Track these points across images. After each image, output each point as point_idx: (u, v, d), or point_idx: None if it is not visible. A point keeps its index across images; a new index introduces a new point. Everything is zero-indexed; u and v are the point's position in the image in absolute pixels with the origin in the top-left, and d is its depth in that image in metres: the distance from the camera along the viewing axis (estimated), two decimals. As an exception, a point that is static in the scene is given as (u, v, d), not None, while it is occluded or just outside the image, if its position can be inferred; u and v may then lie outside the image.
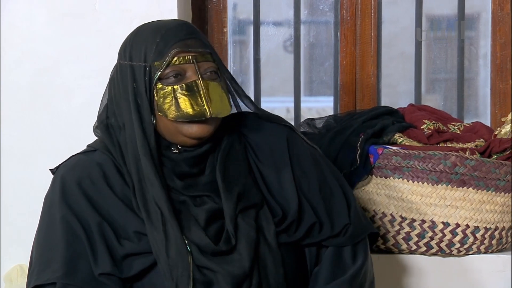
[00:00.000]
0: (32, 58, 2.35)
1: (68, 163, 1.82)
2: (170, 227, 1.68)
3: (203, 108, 1.69)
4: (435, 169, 2.20)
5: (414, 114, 2.39)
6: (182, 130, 1.72)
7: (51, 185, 1.81)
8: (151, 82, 1.71)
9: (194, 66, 1.71)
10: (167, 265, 1.67)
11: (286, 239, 1.75)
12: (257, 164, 1.81)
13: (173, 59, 1.70)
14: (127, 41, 1.80)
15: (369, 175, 2.25)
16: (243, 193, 1.75)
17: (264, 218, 1.74)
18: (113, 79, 1.81)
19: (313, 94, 2.90)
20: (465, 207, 2.22)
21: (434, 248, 2.24)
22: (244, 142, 1.83)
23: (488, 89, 2.73)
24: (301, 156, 1.84)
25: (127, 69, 1.75)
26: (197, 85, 1.71)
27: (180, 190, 1.73)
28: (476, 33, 2.84)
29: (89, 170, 1.76)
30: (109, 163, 1.77)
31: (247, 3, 2.72)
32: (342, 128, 2.34)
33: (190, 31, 1.75)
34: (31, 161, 2.36)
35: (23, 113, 2.36)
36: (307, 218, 1.78)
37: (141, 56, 1.73)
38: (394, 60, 2.79)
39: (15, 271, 2.35)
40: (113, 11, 2.35)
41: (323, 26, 2.80)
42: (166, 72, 1.71)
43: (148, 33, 1.75)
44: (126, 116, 1.74)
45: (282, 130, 1.86)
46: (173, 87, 1.71)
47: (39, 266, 1.72)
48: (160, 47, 1.71)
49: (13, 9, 2.35)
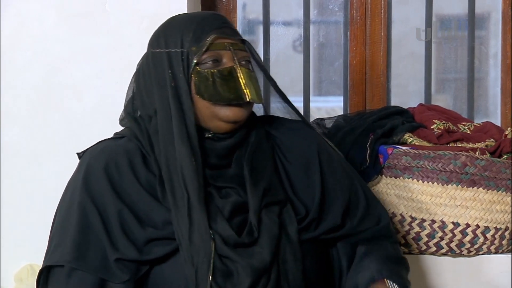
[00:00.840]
0: (43, 58, 2.36)
1: (95, 148, 1.83)
2: (195, 213, 1.69)
3: (241, 91, 1.73)
4: (445, 169, 2.19)
5: (424, 114, 2.39)
6: (219, 113, 1.74)
7: (76, 169, 1.83)
8: (189, 67, 1.74)
9: (231, 52, 1.75)
10: (189, 250, 1.68)
11: (307, 236, 1.77)
12: (283, 163, 1.83)
13: (210, 44, 1.74)
14: (160, 30, 1.82)
15: (379, 175, 2.25)
16: (269, 189, 1.77)
17: (287, 216, 1.76)
18: (142, 70, 1.83)
19: (322, 94, 2.90)
20: (475, 207, 2.22)
21: (444, 248, 2.24)
22: (272, 142, 1.85)
23: (499, 88, 2.73)
24: (332, 162, 1.87)
25: (162, 56, 1.77)
26: (235, 70, 1.75)
27: (208, 179, 1.75)
28: (486, 33, 2.83)
29: (116, 157, 1.78)
30: (136, 151, 1.79)
31: (257, 3, 2.72)
32: (352, 128, 2.34)
33: (224, 20, 1.81)
34: (42, 160, 2.37)
35: (33, 113, 2.37)
36: (329, 218, 1.81)
37: (177, 43, 1.76)
38: (404, 60, 2.78)
39: (26, 270, 2.36)
40: (123, 11, 2.35)
41: (333, 25, 2.80)
42: (203, 57, 1.74)
43: (183, 21, 1.79)
44: (159, 103, 1.76)
45: (312, 134, 1.90)
46: (211, 71, 1.74)
47: (52, 248, 1.77)
48: (198, 33, 1.75)
49: (23, 10, 2.36)
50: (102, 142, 1.85)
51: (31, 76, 2.36)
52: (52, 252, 1.76)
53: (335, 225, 1.81)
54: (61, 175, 2.35)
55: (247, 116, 1.78)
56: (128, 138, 1.82)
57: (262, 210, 1.74)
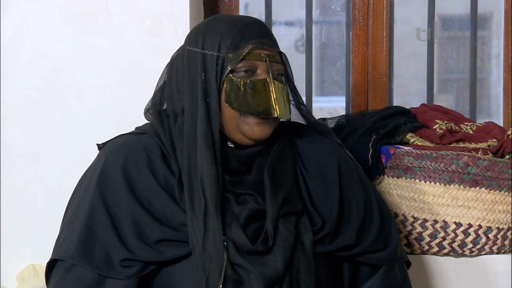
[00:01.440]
0: (44, 58, 2.36)
1: (115, 142, 1.82)
2: (211, 220, 1.68)
3: (270, 106, 1.71)
4: (447, 169, 2.19)
5: (426, 114, 2.39)
6: (243, 128, 1.73)
7: (95, 161, 1.82)
8: (222, 73, 1.72)
9: (267, 64, 1.73)
10: (201, 257, 1.67)
11: (321, 249, 1.76)
12: (303, 174, 1.82)
13: (247, 54, 1.72)
14: (200, 29, 1.79)
15: (381, 175, 2.24)
16: (288, 198, 1.75)
17: (304, 226, 1.75)
18: (176, 64, 1.81)
19: (324, 94, 2.90)
20: (477, 207, 2.21)
21: (446, 248, 2.23)
22: (294, 151, 1.84)
23: (501, 88, 2.73)
24: (351, 175, 1.86)
25: (197, 56, 1.75)
26: (267, 84, 1.72)
27: (227, 185, 1.73)
28: (488, 33, 2.83)
29: (135, 153, 1.77)
30: (156, 149, 1.77)
31: (259, 3, 2.71)
32: (354, 128, 2.34)
33: (265, 29, 1.78)
34: (45, 161, 2.37)
35: (35, 113, 2.37)
36: (345, 235, 1.79)
37: (214, 46, 1.73)
38: (406, 60, 2.78)
39: (28, 270, 2.36)
40: (125, 12, 2.35)
41: (335, 26, 2.80)
42: (238, 65, 1.72)
43: (224, 25, 1.75)
44: (188, 103, 1.74)
45: (334, 145, 1.88)
46: (244, 80, 1.72)
47: (60, 240, 1.77)
48: (236, 40, 1.72)
49: (25, 10, 2.36)
50: (123, 136, 1.84)
51: (33, 76, 2.36)
52: (59, 245, 1.76)
53: (349, 244, 1.80)
54: (62, 175, 2.36)
55: (271, 133, 1.76)
56: (149, 135, 1.80)
57: (279, 219, 1.72)
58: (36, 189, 2.37)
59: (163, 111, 1.81)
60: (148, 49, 2.34)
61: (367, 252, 1.83)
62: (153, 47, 2.33)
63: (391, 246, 1.86)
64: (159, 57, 2.30)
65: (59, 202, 2.36)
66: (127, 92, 2.35)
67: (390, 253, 1.85)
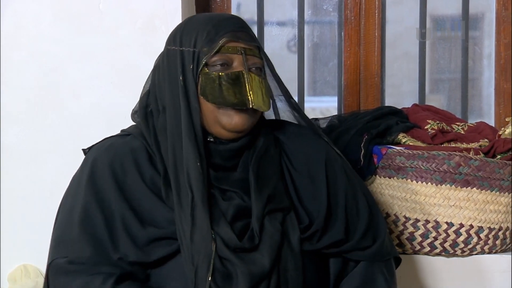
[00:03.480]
0: (39, 58, 2.35)
1: (101, 145, 1.83)
2: (198, 213, 1.68)
3: (245, 97, 1.72)
4: (439, 169, 2.20)
5: (418, 114, 2.39)
6: (221, 120, 1.73)
7: (81, 166, 1.83)
8: (198, 67, 1.74)
9: (242, 57, 1.74)
10: (190, 249, 1.67)
11: (309, 247, 1.76)
12: (290, 171, 1.82)
13: (222, 47, 1.73)
14: (178, 28, 1.82)
15: (373, 175, 2.25)
16: (273, 196, 1.76)
17: (290, 224, 1.75)
18: (158, 65, 1.83)
19: (317, 94, 2.90)
20: (469, 207, 2.22)
21: (438, 248, 2.24)
22: (280, 148, 1.84)
23: (492, 89, 2.73)
24: (337, 172, 1.86)
25: (176, 54, 1.77)
26: (242, 76, 1.73)
27: (212, 181, 1.74)
28: (480, 33, 2.83)
29: (122, 154, 1.78)
30: (141, 150, 1.78)
31: (251, 3, 2.71)
32: (346, 128, 2.34)
33: (242, 24, 1.79)
34: (38, 161, 2.36)
35: (30, 113, 2.36)
36: (333, 232, 1.80)
37: (191, 42, 1.75)
38: (398, 60, 2.79)
39: (19, 271, 2.35)
40: (117, 11, 2.35)
41: (327, 26, 2.80)
42: (213, 59, 1.73)
43: (200, 21, 1.78)
44: (169, 99, 1.76)
45: (321, 142, 1.89)
46: (218, 73, 1.73)
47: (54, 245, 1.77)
48: (211, 35, 1.74)
49: (19, 10, 2.35)
50: (108, 139, 1.85)
51: (28, 76, 2.36)
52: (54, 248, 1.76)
53: (338, 240, 1.80)
54: (58, 175, 2.35)
55: (251, 125, 1.76)
56: (134, 136, 1.81)
57: (265, 216, 1.73)
58: (29, 190, 2.36)
59: (150, 112, 1.82)
60: (141, 49, 2.34)
61: (356, 249, 1.83)
62: (146, 47, 2.33)
63: (379, 242, 1.86)
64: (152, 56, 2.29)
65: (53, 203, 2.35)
66: (120, 91, 2.35)
67: (378, 249, 1.85)
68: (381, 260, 1.86)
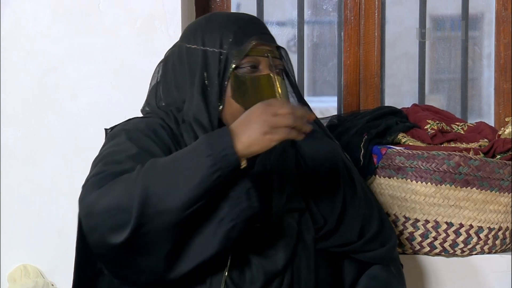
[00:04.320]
0: (37, 58, 2.36)
1: (127, 122, 1.80)
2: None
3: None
4: (438, 169, 2.20)
5: (418, 114, 2.39)
6: None
7: (110, 135, 1.77)
8: (226, 69, 1.73)
9: (269, 60, 1.75)
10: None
11: (321, 246, 1.77)
12: (305, 171, 1.83)
13: (250, 50, 1.73)
14: (198, 26, 1.80)
15: (373, 175, 2.25)
16: (292, 195, 1.77)
17: (305, 224, 1.76)
18: (173, 61, 1.81)
19: (316, 94, 2.90)
20: (468, 207, 2.22)
21: (437, 248, 2.24)
22: (295, 148, 1.84)
23: (492, 89, 2.73)
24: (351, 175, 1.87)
25: (198, 53, 1.76)
26: (272, 79, 1.73)
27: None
28: (480, 33, 2.83)
29: (154, 126, 1.75)
30: (167, 128, 1.77)
31: (251, 3, 2.71)
32: (346, 128, 2.34)
33: (264, 26, 1.81)
34: (36, 161, 2.36)
35: (28, 113, 2.36)
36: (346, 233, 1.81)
37: (216, 43, 1.75)
38: (397, 60, 2.78)
39: (19, 271, 2.35)
40: (117, 11, 2.35)
41: (327, 26, 2.80)
42: (242, 61, 1.73)
43: (224, 21, 1.77)
44: (189, 99, 1.75)
45: (334, 145, 1.90)
46: (249, 77, 1.73)
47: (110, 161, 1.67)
48: (239, 36, 1.74)
49: (17, 9, 2.35)
50: (130, 119, 1.82)
51: (26, 76, 2.36)
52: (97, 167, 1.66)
53: (350, 241, 1.81)
54: (55, 175, 2.35)
55: None
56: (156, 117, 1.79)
57: (283, 214, 1.73)
58: (28, 189, 2.36)
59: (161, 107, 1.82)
60: (140, 48, 2.34)
61: (364, 250, 1.84)
62: (145, 46, 2.33)
63: (388, 246, 1.87)
64: (151, 56, 2.30)
65: (51, 202, 2.36)
66: (119, 91, 2.35)
67: (387, 252, 1.86)
68: (392, 264, 1.87)
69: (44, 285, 2.31)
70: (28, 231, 2.36)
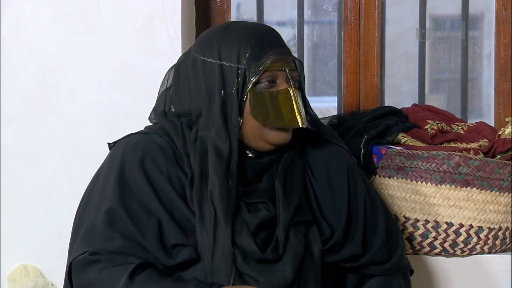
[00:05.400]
0: (37, 58, 2.35)
1: (129, 140, 1.79)
2: (220, 231, 1.67)
3: (295, 117, 1.71)
4: (438, 169, 2.20)
5: (418, 114, 2.39)
6: (267, 136, 1.72)
7: (109, 159, 1.78)
8: (244, 85, 1.71)
9: (286, 74, 1.73)
10: (210, 268, 1.66)
11: (328, 259, 1.76)
12: (312, 183, 1.82)
13: (269, 65, 1.70)
14: (213, 38, 1.76)
15: (373, 175, 2.25)
16: (299, 208, 1.75)
17: (313, 236, 1.75)
18: (186, 71, 1.78)
19: (316, 94, 2.90)
20: (468, 207, 2.22)
21: (437, 248, 2.24)
22: (303, 159, 1.83)
23: (492, 89, 2.73)
24: (358, 183, 1.86)
25: (214, 67, 1.72)
26: (289, 94, 1.72)
27: (241, 196, 1.72)
28: (480, 33, 2.83)
29: (151, 150, 1.74)
30: (169, 148, 1.75)
31: (251, 3, 2.71)
32: (346, 128, 2.34)
33: (280, 38, 1.78)
34: (36, 161, 2.36)
35: (28, 113, 2.36)
36: (351, 246, 1.80)
37: (233, 57, 1.72)
38: (397, 60, 2.78)
39: (19, 271, 2.35)
40: (117, 11, 2.35)
41: (327, 26, 2.80)
42: (261, 77, 1.71)
43: (241, 34, 1.74)
44: (206, 115, 1.72)
45: (343, 152, 1.88)
46: (268, 92, 1.71)
47: (79, 238, 1.72)
48: (256, 51, 1.71)
49: (17, 9, 2.35)
50: (133, 135, 1.81)
51: (26, 76, 2.36)
52: (79, 246, 1.71)
53: (356, 254, 1.80)
54: (55, 175, 2.35)
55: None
56: (159, 135, 1.77)
57: (290, 227, 1.72)
58: (28, 189, 2.36)
59: (170, 112, 1.79)
60: (140, 48, 2.34)
61: (372, 263, 1.83)
62: (145, 46, 2.33)
63: (396, 256, 1.86)
64: (151, 56, 2.31)
65: (51, 203, 2.36)
66: (119, 91, 2.35)
67: (395, 264, 1.85)
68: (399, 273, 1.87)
69: (44, 285, 2.31)
70: (28, 231, 2.36)
